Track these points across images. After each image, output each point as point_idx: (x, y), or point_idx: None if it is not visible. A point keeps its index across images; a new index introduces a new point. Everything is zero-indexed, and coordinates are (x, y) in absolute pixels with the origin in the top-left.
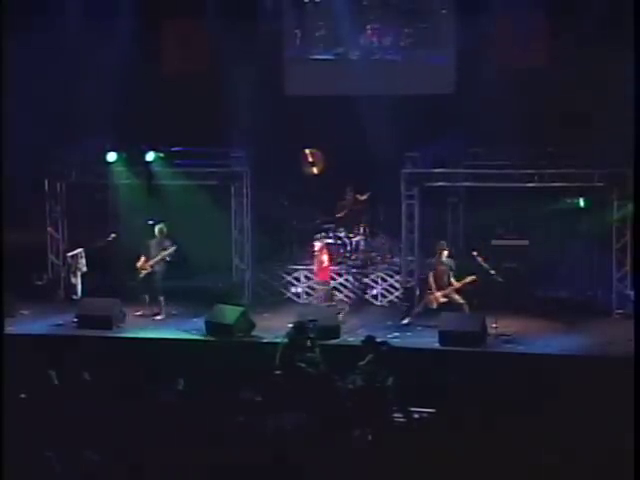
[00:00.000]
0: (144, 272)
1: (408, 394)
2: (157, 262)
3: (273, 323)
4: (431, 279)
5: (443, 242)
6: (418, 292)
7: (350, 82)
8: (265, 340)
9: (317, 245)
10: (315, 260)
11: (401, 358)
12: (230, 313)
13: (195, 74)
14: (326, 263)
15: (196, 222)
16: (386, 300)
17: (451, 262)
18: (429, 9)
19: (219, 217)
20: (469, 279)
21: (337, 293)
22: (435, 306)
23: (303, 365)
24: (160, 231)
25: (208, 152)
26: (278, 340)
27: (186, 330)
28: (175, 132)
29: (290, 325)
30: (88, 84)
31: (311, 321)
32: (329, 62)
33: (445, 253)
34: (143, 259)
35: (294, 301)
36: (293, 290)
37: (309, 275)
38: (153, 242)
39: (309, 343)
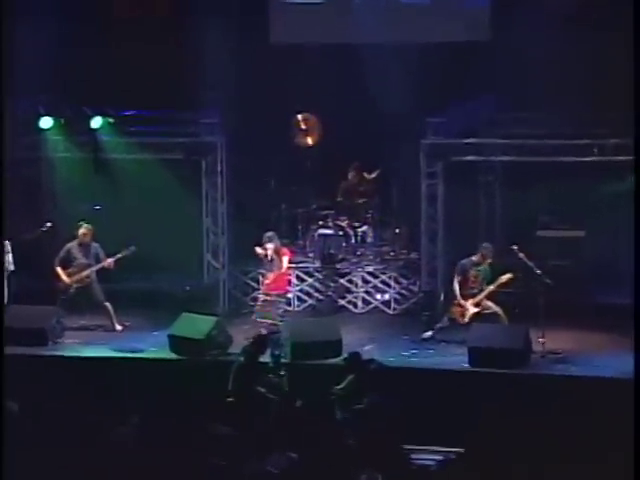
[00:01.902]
0: (75, 287)
1: (424, 429)
2: (87, 275)
3: None
4: (456, 285)
5: (488, 245)
6: (442, 297)
7: (356, 27)
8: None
9: (266, 245)
10: (269, 263)
11: (410, 381)
12: (200, 325)
13: (155, 18)
14: (284, 268)
15: (156, 208)
16: (401, 308)
17: (487, 269)
18: None
19: (186, 201)
20: (505, 278)
21: (343, 301)
22: (465, 320)
23: (263, 390)
24: (85, 233)
25: (171, 117)
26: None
27: (143, 347)
28: (129, 91)
29: (249, 339)
30: (17, 29)
31: (275, 334)
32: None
33: (489, 261)
34: (63, 272)
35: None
36: None
37: (303, 276)
38: (75, 247)
39: (272, 362)
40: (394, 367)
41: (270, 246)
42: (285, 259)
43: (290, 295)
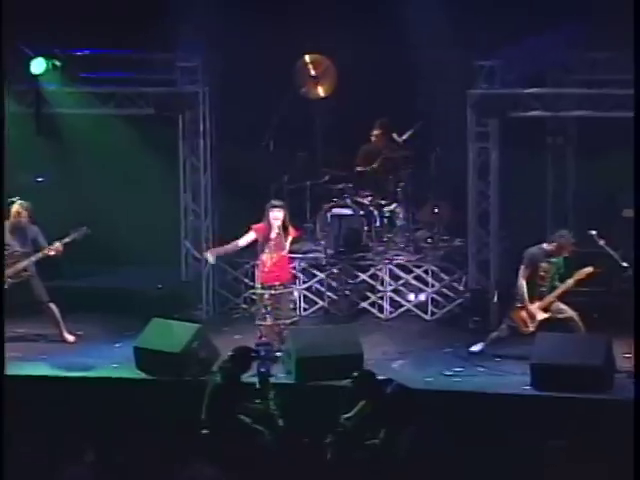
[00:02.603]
0: (8, 283)
1: (470, 473)
2: (25, 268)
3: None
4: (522, 282)
5: (565, 233)
6: (496, 298)
7: None
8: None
9: (274, 214)
10: (266, 244)
11: (453, 408)
12: (176, 334)
13: None
14: (286, 249)
15: (118, 180)
16: (442, 312)
17: (561, 262)
18: None
19: (157, 171)
20: (585, 272)
21: (364, 303)
22: (530, 329)
23: (247, 420)
24: (19, 211)
25: (138, 59)
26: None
27: (100, 364)
28: (82, 24)
29: (228, 355)
30: None
31: (263, 345)
32: None
33: (565, 253)
34: None
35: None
36: None
37: (312, 270)
38: (8, 231)
39: (258, 384)
40: (431, 390)
41: (279, 215)
42: (289, 240)
43: (295, 294)
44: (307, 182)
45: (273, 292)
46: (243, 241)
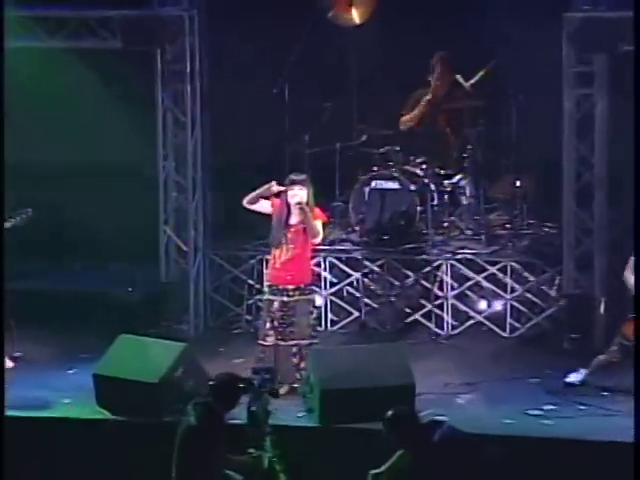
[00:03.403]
0: None
1: None
2: None
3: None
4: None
5: None
6: (603, 308)
7: None
8: (236, 421)
9: (293, 193)
10: (280, 231)
11: (541, 462)
12: (153, 357)
13: None
14: (318, 236)
15: (73, 143)
16: (526, 326)
17: None
18: None
19: (128, 129)
20: None
21: (416, 314)
22: None
23: (238, 478)
24: None
25: None
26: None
27: (48, 398)
28: None
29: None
30: None
31: (260, 372)
32: None
33: None
34: None
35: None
36: None
37: (342, 267)
38: None
39: (250, 423)
40: (510, 437)
41: (300, 195)
42: (319, 224)
43: (319, 301)
44: (336, 144)
45: (286, 299)
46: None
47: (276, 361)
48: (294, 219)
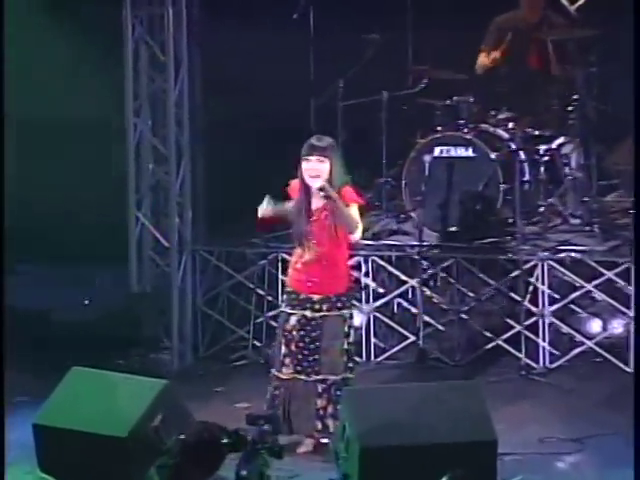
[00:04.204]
0: None
1: None
2: None
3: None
4: None
5: None
6: None
7: None
8: None
9: (310, 166)
10: (301, 223)
11: None
12: (121, 400)
13: None
14: (356, 229)
15: (13, 94)
16: None
17: None
18: None
19: (86, 71)
20: None
21: (498, 339)
22: None
23: None
24: None
25: None
26: None
27: None
28: None
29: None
30: None
31: (258, 421)
32: None
33: None
34: None
35: None
36: None
37: (391, 270)
38: None
39: None
40: None
41: (319, 168)
42: (354, 211)
43: (358, 319)
44: (382, 93)
45: (309, 313)
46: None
47: (292, 403)
48: (315, 204)
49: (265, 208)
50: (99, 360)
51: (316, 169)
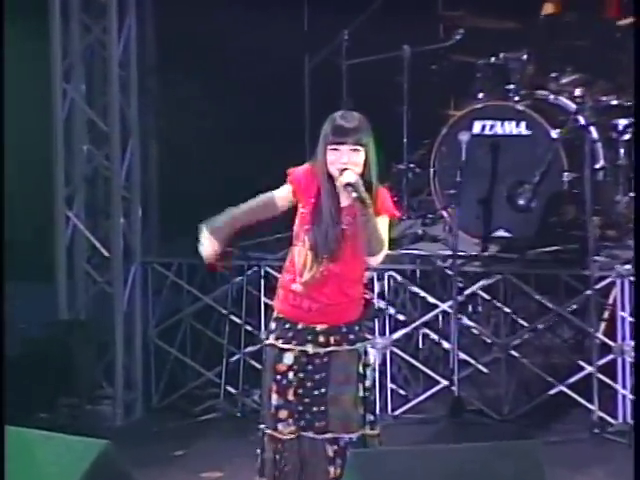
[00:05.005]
0: None
1: None
2: None
3: None
4: None
5: None
6: None
7: None
8: None
9: (337, 156)
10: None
11: None
12: (45, 468)
13: None
14: (381, 244)
15: None
16: None
17: None
18: None
19: (7, 46)
20: None
21: (561, 385)
22: None
23: None
24: None
25: None
26: None
27: None
28: None
29: None
30: None
31: None
32: None
33: None
34: None
35: None
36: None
37: (414, 290)
38: None
39: None
40: None
41: (354, 160)
42: (384, 224)
43: (371, 354)
44: (403, 48)
45: (311, 349)
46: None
47: (305, 469)
48: (345, 199)
49: (208, 249)
50: (15, 413)
51: (349, 162)
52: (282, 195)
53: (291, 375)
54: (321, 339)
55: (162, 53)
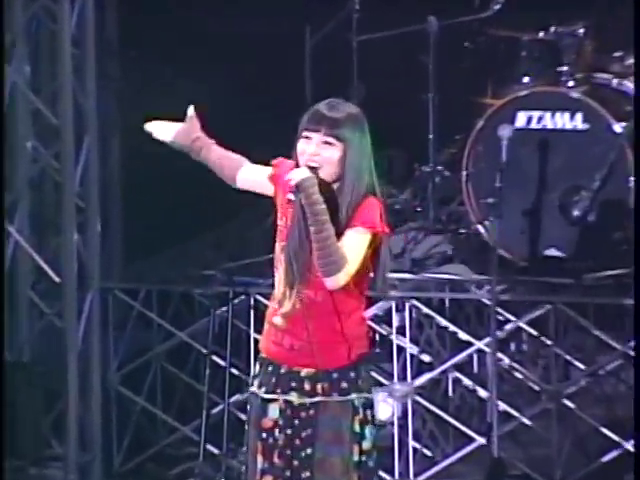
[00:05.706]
0: None
1: None
2: None
3: None
4: None
5: None
6: None
7: None
8: None
9: (305, 148)
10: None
11: None
12: None
13: None
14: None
15: None
16: None
17: None
18: None
19: None
20: None
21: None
22: None
23: None
24: None
25: None
26: None
27: None
28: None
29: None
30: None
31: None
32: None
33: None
34: None
35: None
36: None
37: (440, 319)
38: None
39: None
40: None
41: (328, 154)
42: (358, 239)
43: (387, 411)
44: (428, 20)
45: (295, 400)
46: (247, 174)
47: None
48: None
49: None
50: None
51: (317, 155)
52: (260, 168)
53: (277, 433)
54: (307, 386)
55: (127, 27)
